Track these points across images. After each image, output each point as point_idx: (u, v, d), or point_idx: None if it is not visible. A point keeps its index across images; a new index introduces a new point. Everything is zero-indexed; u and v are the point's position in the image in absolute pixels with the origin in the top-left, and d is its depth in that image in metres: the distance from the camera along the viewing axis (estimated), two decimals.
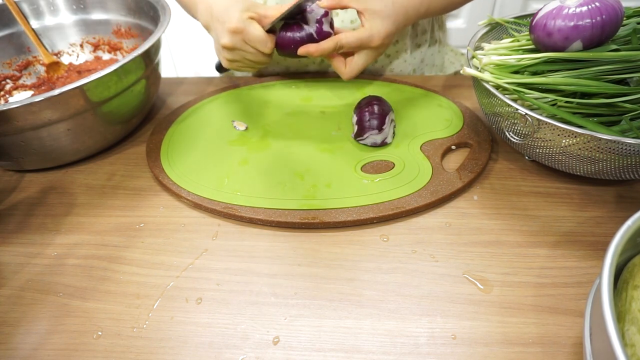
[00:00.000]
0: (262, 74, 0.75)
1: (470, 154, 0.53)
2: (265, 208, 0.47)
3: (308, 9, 0.53)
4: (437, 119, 0.58)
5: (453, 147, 0.54)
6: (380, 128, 0.52)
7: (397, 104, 0.61)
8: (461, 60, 0.83)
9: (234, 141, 0.57)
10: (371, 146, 0.54)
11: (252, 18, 0.53)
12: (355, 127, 0.54)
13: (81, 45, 0.73)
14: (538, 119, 0.41)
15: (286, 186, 0.49)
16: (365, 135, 0.53)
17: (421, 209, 0.46)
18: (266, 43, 0.53)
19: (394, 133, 0.55)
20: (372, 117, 0.52)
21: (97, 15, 0.71)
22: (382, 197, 0.47)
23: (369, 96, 0.55)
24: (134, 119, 0.59)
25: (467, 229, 0.45)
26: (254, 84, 0.69)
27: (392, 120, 0.54)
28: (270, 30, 0.54)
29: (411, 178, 0.49)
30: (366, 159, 0.52)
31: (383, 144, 0.54)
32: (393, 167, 0.51)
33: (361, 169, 0.51)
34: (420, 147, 0.54)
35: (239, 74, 0.84)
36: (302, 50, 0.53)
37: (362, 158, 0.53)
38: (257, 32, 0.52)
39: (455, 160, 0.53)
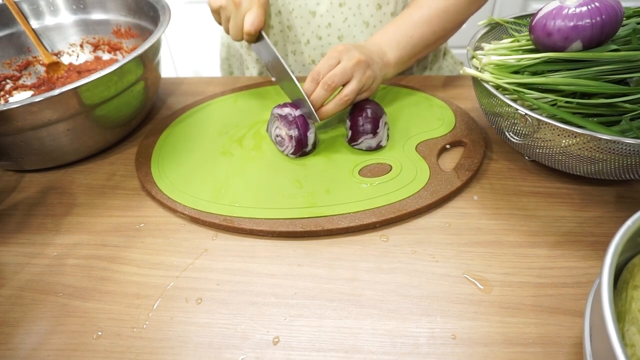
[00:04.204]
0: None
1: (466, 152, 0.53)
2: (265, 218, 0.46)
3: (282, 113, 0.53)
4: (430, 119, 0.58)
5: (447, 146, 0.54)
6: (374, 132, 0.52)
7: (389, 106, 0.61)
8: (458, 68, 0.83)
9: (229, 149, 0.56)
10: (366, 150, 0.54)
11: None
12: (349, 132, 0.54)
13: (81, 45, 0.73)
14: (538, 119, 0.41)
15: (285, 195, 0.49)
16: (359, 140, 0.53)
17: (422, 210, 0.46)
18: (252, 23, 0.54)
19: (388, 135, 0.55)
20: (366, 122, 0.52)
21: (97, 15, 0.71)
22: (383, 201, 0.46)
23: (361, 100, 0.55)
24: (134, 119, 0.59)
25: (467, 229, 0.45)
26: (250, 88, 0.68)
27: (385, 123, 0.54)
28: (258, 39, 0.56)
29: (410, 179, 0.49)
30: (362, 162, 0.52)
31: (378, 147, 0.54)
32: (390, 170, 0.51)
33: (358, 173, 0.51)
34: (416, 147, 0.54)
35: (237, 74, 0.84)
36: (323, 115, 0.53)
37: (359, 162, 0.52)
38: (254, 10, 0.54)
39: (451, 159, 0.53)
